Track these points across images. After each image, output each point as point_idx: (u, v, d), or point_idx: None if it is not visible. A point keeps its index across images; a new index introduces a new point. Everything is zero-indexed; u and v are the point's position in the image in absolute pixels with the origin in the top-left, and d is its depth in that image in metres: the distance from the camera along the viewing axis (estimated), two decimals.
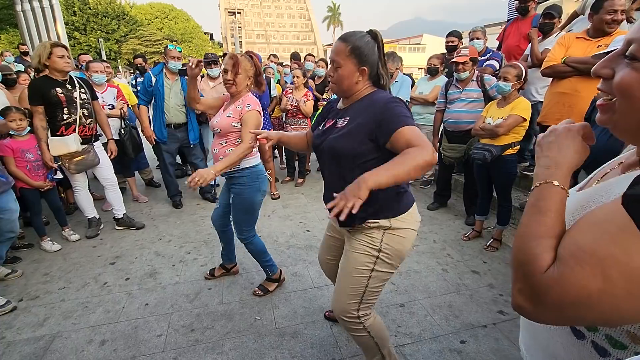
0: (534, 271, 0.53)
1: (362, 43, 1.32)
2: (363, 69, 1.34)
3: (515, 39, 3.85)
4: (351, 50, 1.32)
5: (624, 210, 0.47)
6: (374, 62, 1.35)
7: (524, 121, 2.61)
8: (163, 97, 3.62)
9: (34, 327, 2.11)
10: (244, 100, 2.04)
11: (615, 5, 2.50)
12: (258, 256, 2.34)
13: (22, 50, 7.30)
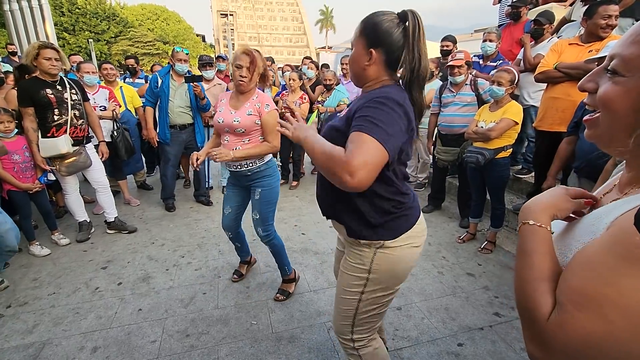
0: (537, 318, 0.53)
1: (377, 21, 1.08)
2: (371, 51, 1.10)
3: (508, 44, 3.91)
4: (362, 29, 1.11)
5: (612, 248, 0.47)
6: (391, 46, 1.08)
7: (515, 125, 2.65)
8: (167, 98, 3.61)
9: (23, 334, 2.05)
10: (260, 99, 2.04)
11: (609, 10, 2.56)
12: (280, 253, 2.31)
13: (9, 50, 7.16)
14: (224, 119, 2.04)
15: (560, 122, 2.81)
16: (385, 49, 1.09)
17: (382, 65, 1.13)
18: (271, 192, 2.16)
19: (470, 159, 2.76)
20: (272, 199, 2.17)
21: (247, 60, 1.95)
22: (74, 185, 3.15)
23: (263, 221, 2.18)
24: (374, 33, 1.09)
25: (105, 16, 35.29)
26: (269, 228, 2.21)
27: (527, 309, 0.55)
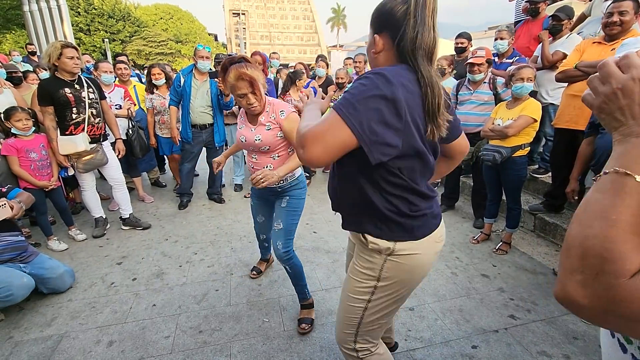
0: (616, 272, 0.44)
1: (381, 5, 1.01)
2: (374, 36, 1.03)
3: (525, 41, 3.82)
4: (371, 17, 1.05)
5: None
6: (395, 26, 0.97)
7: (534, 122, 2.58)
8: (189, 98, 3.66)
9: (42, 327, 2.10)
10: (273, 108, 1.87)
11: (612, 7, 2.51)
12: (300, 275, 2.06)
13: (29, 50, 7.34)
14: (245, 137, 1.91)
15: (578, 119, 2.75)
16: (390, 31, 0.99)
17: (392, 51, 1.02)
18: (300, 202, 2.04)
19: (486, 157, 2.70)
20: (298, 209, 2.04)
21: (247, 86, 1.74)
22: (91, 182, 3.22)
23: (286, 233, 1.98)
24: (378, 18, 1.02)
25: (121, 16, 35.92)
26: (290, 243, 2.00)
27: (603, 256, 0.46)
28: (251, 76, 1.71)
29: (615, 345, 0.60)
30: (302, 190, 2.07)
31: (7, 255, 2.24)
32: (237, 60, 1.77)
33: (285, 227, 1.98)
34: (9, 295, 2.08)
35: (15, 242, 2.29)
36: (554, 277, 2.58)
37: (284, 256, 1.96)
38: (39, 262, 2.35)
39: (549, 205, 3.20)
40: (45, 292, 2.37)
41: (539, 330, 2.03)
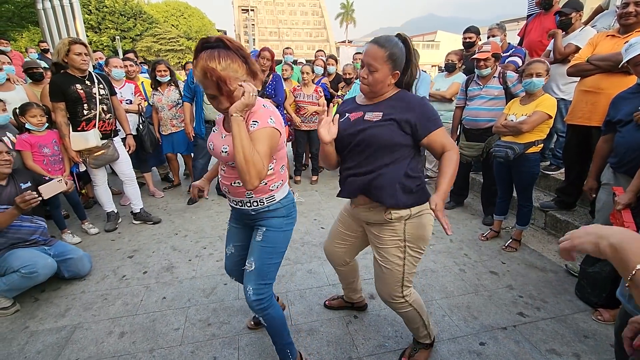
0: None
1: (397, 49, 1.41)
2: (396, 73, 1.45)
3: (538, 34, 3.75)
4: (388, 57, 1.40)
5: None
6: (403, 65, 1.46)
7: (549, 118, 2.53)
8: (202, 94, 3.69)
9: (56, 318, 2.15)
10: (250, 116, 1.35)
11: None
12: (280, 327, 1.60)
13: (42, 48, 7.47)
14: (213, 145, 1.50)
15: (590, 115, 2.69)
16: (402, 70, 1.46)
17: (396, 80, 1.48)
18: (279, 235, 1.55)
19: (499, 153, 2.65)
20: (277, 246, 1.55)
21: (213, 86, 1.28)
22: (102, 178, 3.28)
23: (259, 276, 1.50)
24: (397, 60, 1.42)
25: (132, 14, 36.26)
26: (263, 290, 1.51)
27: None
28: (219, 76, 1.25)
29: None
30: (286, 220, 1.57)
31: (38, 238, 2.42)
32: (212, 44, 1.30)
33: (258, 268, 1.50)
34: (34, 273, 2.18)
35: (45, 228, 2.50)
36: (564, 275, 2.54)
37: (256, 305, 1.50)
38: (61, 245, 2.55)
39: (561, 202, 3.14)
40: (67, 276, 2.47)
41: (549, 328, 2.01)
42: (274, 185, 1.50)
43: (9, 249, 2.27)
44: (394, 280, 1.57)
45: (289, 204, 1.59)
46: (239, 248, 1.73)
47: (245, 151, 1.24)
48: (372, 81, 1.43)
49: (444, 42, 40.39)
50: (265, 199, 1.50)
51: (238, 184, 1.46)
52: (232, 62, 1.29)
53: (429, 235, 1.57)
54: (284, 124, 4.12)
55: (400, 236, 1.52)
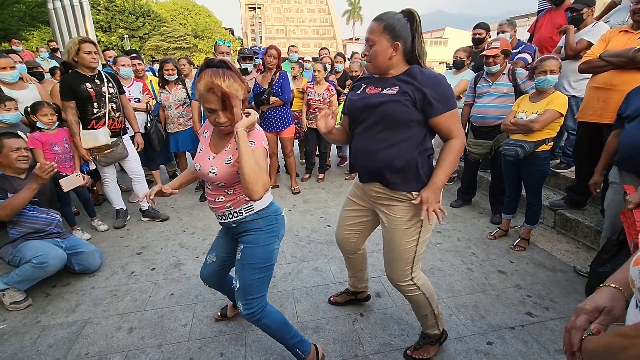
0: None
1: (394, 20, 1.41)
2: (396, 44, 1.42)
3: (548, 30, 3.69)
4: (384, 27, 1.41)
5: None
6: (407, 38, 1.43)
7: (560, 116, 2.48)
8: None
9: (67, 313, 2.19)
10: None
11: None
12: (279, 332, 1.64)
13: (52, 47, 7.57)
14: (200, 166, 1.51)
15: (602, 112, 2.63)
16: (403, 39, 1.43)
17: (402, 55, 1.47)
18: (256, 251, 1.54)
19: (508, 152, 2.60)
20: (257, 263, 1.54)
21: (216, 102, 1.34)
22: (112, 175, 3.32)
23: (245, 292, 1.53)
24: (395, 30, 1.41)
25: (141, 13, 36.55)
26: (252, 304, 1.54)
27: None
28: (224, 92, 1.32)
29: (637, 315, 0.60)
30: (263, 234, 1.56)
31: (53, 230, 2.52)
32: (216, 64, 1.40)
33: (242, 285, 1.54)
34: (44, 263, 2.24)
35: (59, 220, 2.60)
36: (574, 275, 2.50)
37: (249, 318, 1.57)
38: (73, 239, 2.65)
39: (571, 200, 3.10)
40: (77, 269, 2.52)
41: (558, 329, 1.98)
42: None
43: (25, 240, 2.35)
44: (406, 261, 1.59)
45: (269, 215, 1.59)
46: (222, 259, 1.77)
47: (254, 164, 1.31)
48: (372, 55, 1.45)
49: (452, 39, 39.92)
50: (243, 209, 1.53)
51: (221, 199, 1.53)
52: (234, 82, 1.38)
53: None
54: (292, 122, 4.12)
55: (419, 215, 1.49)
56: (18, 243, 2.32)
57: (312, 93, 4.29)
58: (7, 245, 2.31)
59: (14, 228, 2.34)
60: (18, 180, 2.41)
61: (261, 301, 1.57)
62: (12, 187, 2.35)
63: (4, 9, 14.83)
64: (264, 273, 1.57)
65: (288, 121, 4.10)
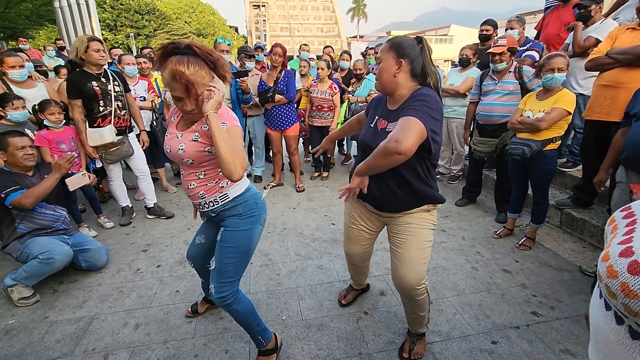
0: None
1: (402, 40, 1.46)
2: (400, 61, 1.44)
3: (556, 28, 3.65)
4: (391, 46, 1.47)
5: None
6: (415, 58, 1.45)
7: (568, 115, 2.45)
8: None
9: (74, 309, 2.22)
10: None
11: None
12: (247, 319, 1.66)
13: (59, 46, 7.63)
14: (170, 146, 1.50)
15: (609, 110, 2.61)
16: (410, 59, 1.44)
17: (409, 74, 1.46)
18: (236, 235, 1.55)
19: (515, 150, 2.58)
20: (235, 246, 1.55)
21: (181, 90, 1.33)
22: (118, 173, 3.35)
23: (220, 275, 1.54)
24: (400, 48, 1.44)
25: (147, 11, 36.70)
26: (225, 288, 1.54)
27: None
28: (188, 79, 1.31)
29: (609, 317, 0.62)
30: (243, 219, 1.57)
31: (60, 226, 2.56)
32: (182, 50, 1.34)
33: (218, 267, 1.55)
34: (51, 259, 2.28)
35: (66, 217, 2.64)
36: (580, 275, 2.49)
37: (220, 302, 1.56)
38: (80, 236, 2.67)
39: (578, 200, 3.07)
40: (84, 266, 2.55)
41: (563, 329, 1.97)
42: (224, 182, 1.53)
43: (32, 236, 2.38)
44: (424, 262, 1.62)
45: (248, 201, 1.58)
46: (210, 242, 1.77)
47: (228, 143, 1.29)
48: (379, 72, 1.49)
49: (458, 36, 39.61)
50: (218, 198, 1.54)
51: (193, 186, 1.53)
52: (200, 69, 1.35)
53: None
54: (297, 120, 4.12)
55: (435, 222, 1.65)
56: (26, 239, 2.36)
57: (315, 91, 4.29)
58: (15, 242, 2.35)
59: (22, 223, 2.37)
60: (26, 177, 2.44)
61: (234, 286, 1.58)
62: (19, 184, 2.38)
63: (11, 7, 14.97)
64: (242, 258, 1.59)
65: (293, 119, 4.10)
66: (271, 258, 2.76)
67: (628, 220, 0.66)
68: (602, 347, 0.66)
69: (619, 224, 0.68)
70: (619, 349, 0.60)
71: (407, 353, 1.79)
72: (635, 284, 0.53)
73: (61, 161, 2.34)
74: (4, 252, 2.38)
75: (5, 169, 2.41)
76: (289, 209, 3.73)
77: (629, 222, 0.65)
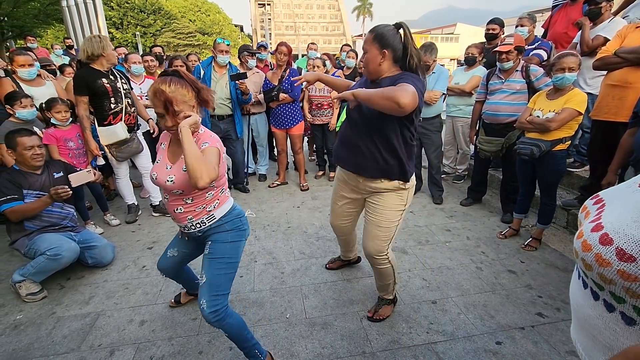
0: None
1: (384, 31, 1.64)
2: (384, 51, 1.63)
3: (563, 26, 3.61)
4: (374, 37, 1.65)
5: None
6: (396, 46, 1.64)
7: (579, 115, 2.40)
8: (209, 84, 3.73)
9: (81, 305, 2.25)
10: (199, 138, 1.49)
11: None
12: (241, 332, 1.63)
13: (67, 44, 7.69)
14: (157, 174, 1.54)
15: (617, 110, 2.58)
16: (392, 48, 1.63)
17: (391, 61, 1.67)
18: (224, 247, 1.61)
19: (523, 150, 2.54)
20: (225, 258, 1.60)
21: (161, 106, 1.41)
22: (125, 171, 3.38)
23: (211, 288, 1.54)
24: (383, 39, 1.62)
25: (152, 10, 36.91)
26: (217, 302, 1.53)
27: None
28: (167, 96, 1.39)
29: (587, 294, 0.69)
30: (231, 233, 1.64)
31: (67, 223, 2.60)
32: (170, 74, 1.47)
33: (209, 280, 1.55)
34: (58, 255, 2.31)
35: (73, 215, 2.68)
36: None
37: (212, 318, 1.52)
38: (87, 233, 2.70)
39: (585, 200, 3.04)
40: (90, 262, 2.58)
41: (569, 330, 1.95)
42: (211, 206, 1.60)
43: (40, 233, 2.41)
44: (386, 238, 1.88)
45: (233, 219, 1.66)
46: (183, 254, 1.86)
47: (196, 153, 1.35)
48: (365, 61, 1.71)
49: (464, 35, 39.28)
50: (205, 219, 1.60)
51: (180, 210, 1.57)
52: (181, 88, 1.43)
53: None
54: (301, 119, 4.09)
55: (405, 201, 1.85)
56: (33, 236, 2.39)
57: (312, 89, 4.24)
58: (23, 238, 2.38)
59: (30, 221, 2.40)
60: (34, 176, 2.47)
61: (225, 299, 1.58)
62: (28, 182, 2.41)
63: (19, 6, 15.12)
64: (231, 270, 1.63)
65: (297, 118, 4.10)
66: (275, 256, 2.76)
67: (598, 205, 0.75)
68: (584, 324, 0.73)
69: (591, 209, 0.76)
70: (599, 323, 0.67)
71: (372, 313, 2.07)
72: (606, 252, 0.60)
73: (55, 194, 2.32)
74: (13, 247, 2.41)
75: (16, 168, 2.45)
76: (293, 208, 3.73)
77: (598, 207, 0.74)
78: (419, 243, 2.95)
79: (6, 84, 3.07)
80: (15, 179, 2.39)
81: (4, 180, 2.36)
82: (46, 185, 2.47)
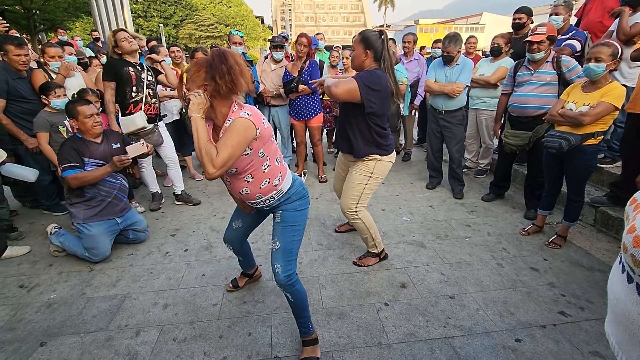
0: None
1: (369, 35, 2.08)
2: (367, 51, 2.08)
3: (598, 15, 3.43)
4: (361, 39, 2.09)
5: None
6: (377, 48, 2.07)
7: (615, 110, 2.26)
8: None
9: (108, 287, 2.36)
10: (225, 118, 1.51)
11: None
12: (303, 302, 1.72)
13: (94, 37, 7.93)
14: None
15: None
16: (374, 50, 2.07)
17: (372, 59, 2.10)
18: (296, 215, 1.71)
19: (551, 143, 2.43)
20: (297, 224, 1.71)
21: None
22: (148, 160, 3.48)
23: (285, 253, 1.64)
24: (368, 42, 2.07)
25: (173, 1, 37.45)
26: (291, 266, 1.65)
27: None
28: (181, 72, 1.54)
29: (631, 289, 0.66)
30: (299, 202, 1.73)
31: (118, 194, 2.74)
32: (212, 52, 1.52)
33: (284, 246, 1.65)
34: (92, 256, 2.61)
35: (123, 184, 2.80)
36: None
37: (286, 281, 1.62)
38: (131, 214, 2.86)
39: (615, 197, 2.91)
40: (130, 237, 2.85)
41: (593, 330, 1.90)
42: (276, 180, 1.63)
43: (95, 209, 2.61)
44: (353, 197, 2.33)
45: (298, 189, 1.73)
46: (248, 225, 2.00)
47: (200, 144, 1.41)
48: (352, 56, 2.18)
49: (490, 24, 37.83)
50: (274, 195, 1.65)
51: (247, 191, 1.63)
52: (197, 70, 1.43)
53: (386, 173, 2.37)
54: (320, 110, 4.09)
55: (370, 170, 2.29)
56: (91, 218, 2.59)
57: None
58: (80, 207, 2.58)
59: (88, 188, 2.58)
60: (95, 144, 2.61)
61: (295, 265, 1.70)
62: (89, 151, 2.56)
63: (50, 0, 15.65)
64: (300, 235, 1.74)
65: (316, 109, 4.09)
66: None
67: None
68: (623, 320, 0.69)
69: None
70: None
71: (357, 259, 2.55)
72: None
73: (118, 161, 2.51)
74: (69, 206, 2.62)
75: (78, 136, 2.59)
76: (311, 200, 3.72)
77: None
78: (437, 237, 2.92)
79: (39, 75, 3.21)
80: (78, 147, 2.52)
81: (68, 147, 2.50)
82: (107, 154, 2.62)
